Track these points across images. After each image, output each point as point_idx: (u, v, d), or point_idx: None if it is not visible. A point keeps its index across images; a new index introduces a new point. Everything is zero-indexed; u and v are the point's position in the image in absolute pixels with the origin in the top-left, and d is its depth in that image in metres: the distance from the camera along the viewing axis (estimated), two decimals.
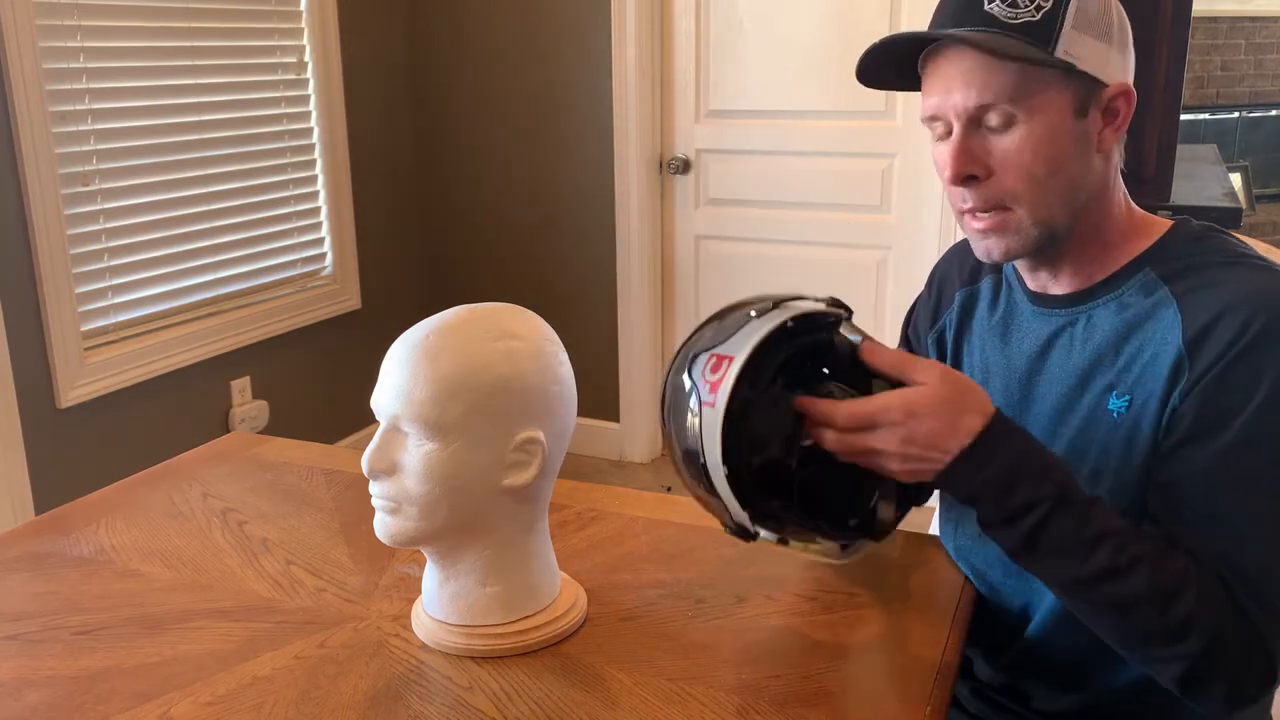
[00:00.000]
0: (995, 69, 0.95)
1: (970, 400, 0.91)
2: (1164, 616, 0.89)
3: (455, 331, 0.95)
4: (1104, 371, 1.01)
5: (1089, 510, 0.91)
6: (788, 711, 0.91)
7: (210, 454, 1.51)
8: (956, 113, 0.97)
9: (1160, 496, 0.96)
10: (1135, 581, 0.89)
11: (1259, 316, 0.91)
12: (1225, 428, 0.91)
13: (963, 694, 1.19)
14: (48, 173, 2.37)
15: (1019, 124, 0.96)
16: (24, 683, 0.97)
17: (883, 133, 2.97)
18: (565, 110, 3.30)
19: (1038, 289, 1.09)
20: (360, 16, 3.25)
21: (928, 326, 1.23)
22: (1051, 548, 0.91)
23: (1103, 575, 0.90)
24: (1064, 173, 0.98)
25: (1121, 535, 0.91)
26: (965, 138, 0.98)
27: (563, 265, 3.43)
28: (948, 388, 0.91)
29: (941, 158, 1.00)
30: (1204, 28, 5.25)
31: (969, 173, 0.98)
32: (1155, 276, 1.00)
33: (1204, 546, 0.92)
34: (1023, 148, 0.96)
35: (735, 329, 0.93)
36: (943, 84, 0.98)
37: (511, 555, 1.00)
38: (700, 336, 0.96)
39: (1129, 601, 0.90)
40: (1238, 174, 5.08)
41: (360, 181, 3.31)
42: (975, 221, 1.01)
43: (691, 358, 0.95)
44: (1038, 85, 0.95)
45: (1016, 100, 0.95)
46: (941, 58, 0.98)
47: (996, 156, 0.97)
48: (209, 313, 2.86)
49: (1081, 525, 0.90)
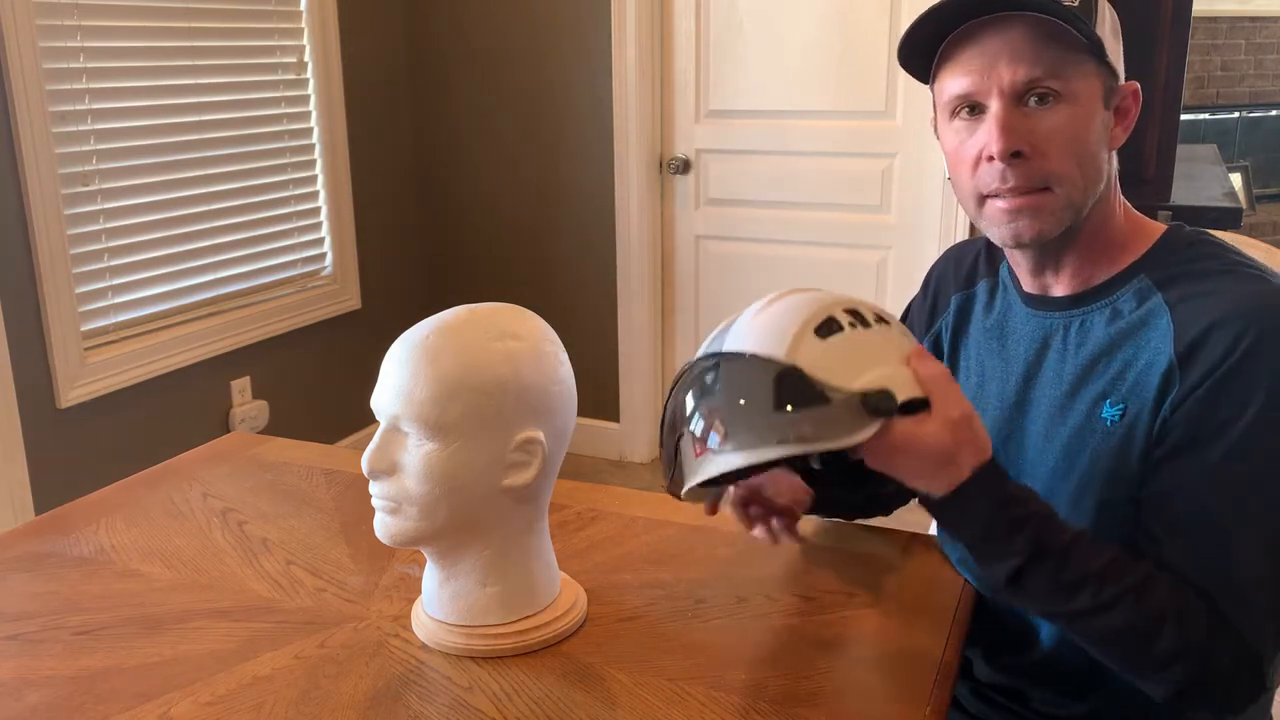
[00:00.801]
0: (1043, 45, 0.94)
1: (964, 453, 0.90)
2: (1150, 647, 0.90)
3: (455, 331, 0.95)
4: (1097, 379, 1.01)
5: (1067, 557, 0.91)
6: (788, 711, 0.91)
7: (210, 454, 1.51)
8: (1001, 87, 0.96)
9: (1150, 507, 0.96)
10: (1117, 617, 0.91)
11: (1250, 330, 0.91)
12: (1215, 441, 0.91)
13: (963, 694, 1.19)
14: (48, 173, 2.37)
15: (1062, 103, 0.96)
16: (24, 683, 0.97)
17: (883, 133, 2.97)
18: (565, 110, 3.30)
19: (1036, 290, 1.09)
20: (360, 16, 3.25)
21: (923, 330, 1.23)
22: (1029, 593, 0.93)
23: (1085, 614, 0.92)
24: (1096, 159, 0.99)
25: (1102, 574, 0.91)
26: (1010, 112, 0.96)
27: (563, 265, 3.43)
28: (950, 436, 0.89)
29: (971, 140, 0.99)
30: (1204, 28, 5.26)
31: (1016, 148, 0.96)
32: (1149, 283, 1.00)
33: (1192, 557, 0.92)
34: (1067, 126, 0.96)
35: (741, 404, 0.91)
36: (983, 60, 0.97)
37: (511, 555, 1.00)
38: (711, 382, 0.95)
39: (1112, 635, 0.92)
40: (1238, 174, 5.08)
41: (360, 181, 3.31)
42: (1007, 202, 0.99)
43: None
44: (1079, 68, 0.96)
45: (1064, 78, 0.95)
46: (984, 35, 0.97)
47: (1041, 134, 0.96)
48: (209, 313, 2.86)
49: (1058, 573, 0.91)
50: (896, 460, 0.90)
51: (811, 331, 0.91)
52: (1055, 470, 1.04)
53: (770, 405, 0.89)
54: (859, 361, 0.91)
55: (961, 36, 0.98)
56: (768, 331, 0.92)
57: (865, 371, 0.90)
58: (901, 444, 0.89)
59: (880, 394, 0.89)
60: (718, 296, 3.30)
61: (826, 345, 0.91)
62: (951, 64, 1.00)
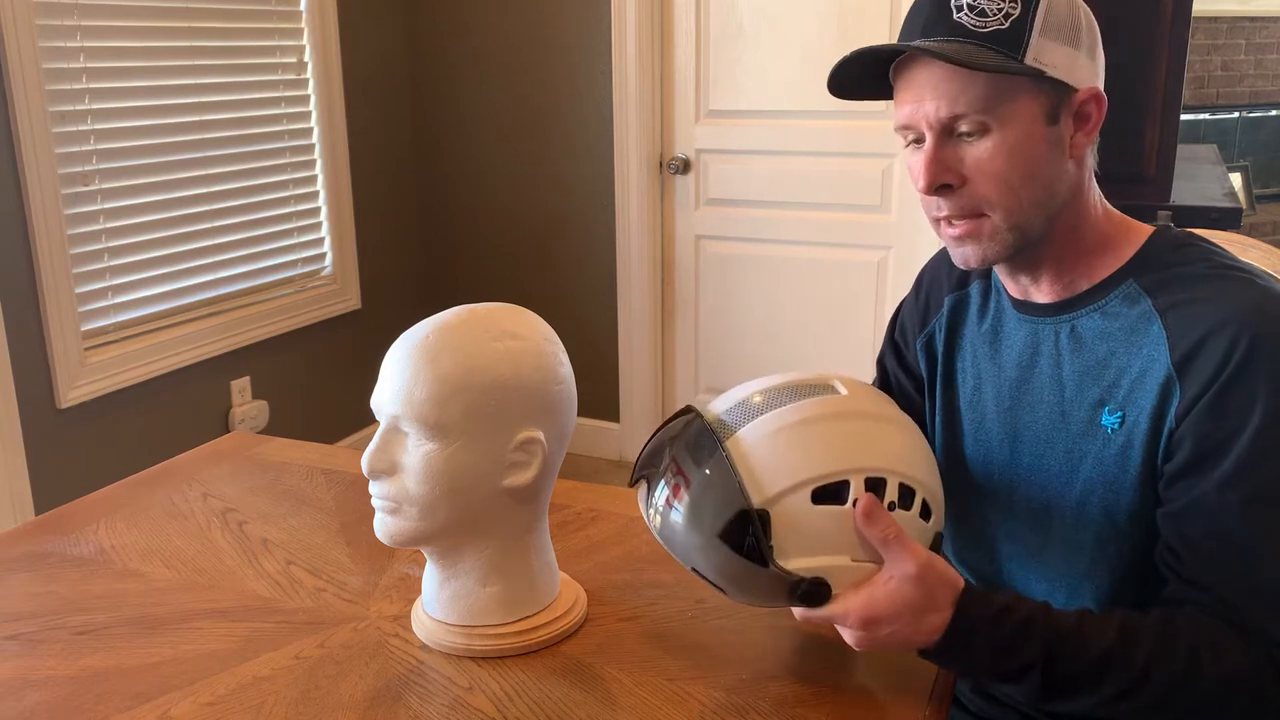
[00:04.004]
0: (966, 79, 0.94)
1: (937, 597, 0.89)
2: (1198, 695, 0.89)
3: (455, 331, 0.95)
4: (1094, 386, 1.01)
5: (1080, 640, 0.90)
6: (788, 711, 0.91)
7: (210, 454, 1.51)
8: (929, 123, 0.97)
9: (1167, 524, 0.96)
10: (1158, 684, 0.89)
11: (1244, 336, 0.91)
12: (1227, 452, 0.91)
13: (964, 692, 1.20)
14: (48, 173, 2.37)
15: (992, 132, 0.96)
16: (24, 683, 0.97)
17: (883, 133, 2.97)
18: (565, 110, 3.30)
19: (1020, 295, 1.09)
20: (360, 16, 3.25)
21: (916, 331, 1.23)
22: (1064, 692, 0.91)
23: (1125, 693, 0.90)
24: (1038, 179, 0.98)
25: (1123, 645, 0.90)
26: (938, 147, 0.97)
27: (563, 265, 3.43)
28: (915, 590, 0.89)
29: (915, 166, 1.00)
30: (1204, 28, 5.26)
31: (942, 182, 0.98)
32: (1138, 288, 1.00)
33: (1215, 570, 0.92)
34: (995, 156, 0.96)
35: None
36: (914, 94, 0.98)
37: (511, 555, 1.00)
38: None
39: (1161, 701, 0.90)
40: (1238, 174, 5.08)
41: (360, 181, 3.31)
42: (950, 229, 1.01)
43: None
44: (1009, 94, 0.95)
45: (988, 109, 0.95)
46: (912, 68, 0.98)
47: (969, 164, 0.97)
48: (209, 313, 2.86)
49: (1081, 659, 0.90)
50: (877, 631, 0.89)
51: (809, 490, 0.89)
52: (1058, 476, 1.04)
53: (716, 530, 0.88)
54: (828, 541, 0.89)
55: (901, 65, 1.00)
56: (776, 456, 0.90)
57: (823, 554, 0.89)
58: (872, 615, 0.88)
59: (813, 587, 0.89)
60: (718, 296, 3.30)
61: (812, 513, 0.89)
62: (897, 90, 1.01)
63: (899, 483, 0.92)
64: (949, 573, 0.91)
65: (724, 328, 3.32)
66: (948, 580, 0.90)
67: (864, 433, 0.93)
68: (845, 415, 0.93)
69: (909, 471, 0.93)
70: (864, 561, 0.90)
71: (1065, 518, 1.03)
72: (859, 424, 0.93)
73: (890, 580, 0.89)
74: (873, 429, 0.94)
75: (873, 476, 0.90)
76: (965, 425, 1.14)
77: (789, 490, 0.88)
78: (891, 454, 0.93)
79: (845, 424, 0.93)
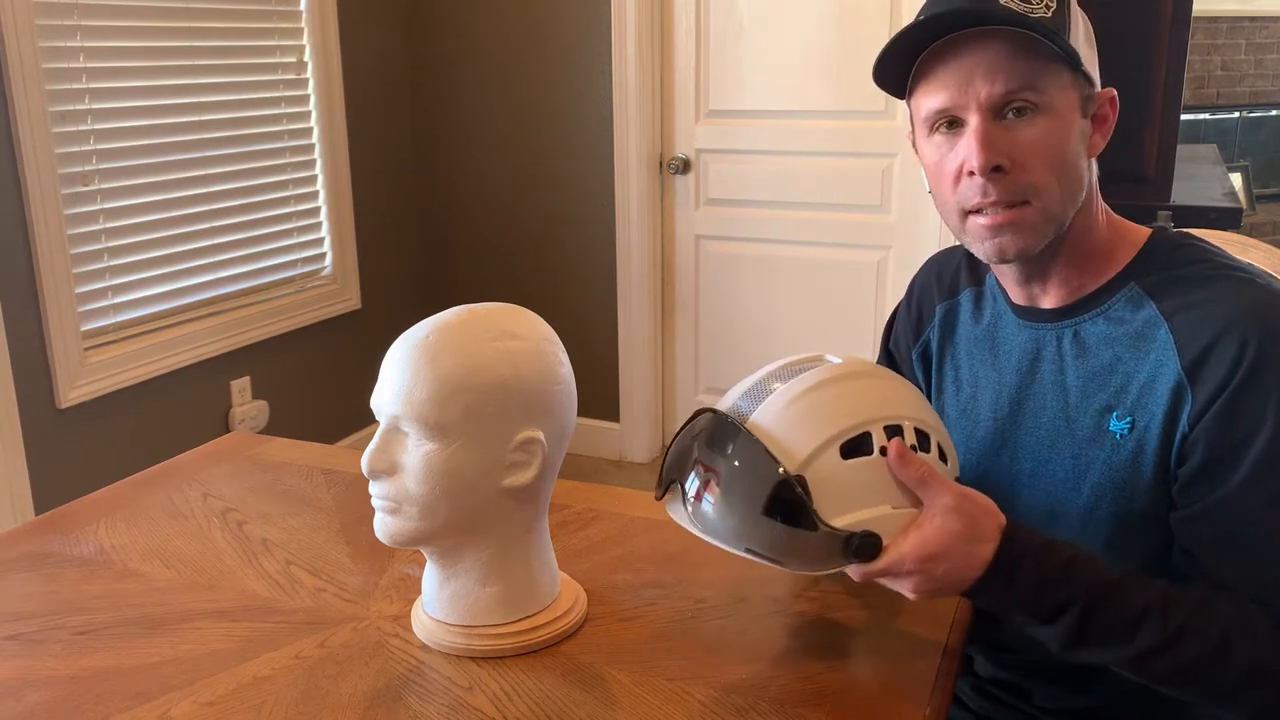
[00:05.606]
0: (1019, 58, 0.94)
1: (982, 527, 0.89)
2: (1225, 672, 0.89)
3: (455, 331, 0.95)
4: (1100, 391, 1.01)
5: (1123, 591, 0.90)
6: (788, 711, 0.91)
7: (210, 454, 1.51)
8: (979, 102, 0.95)
9: (1189, 528, 0.96)
10: (1186, 651, 0.89)
11: (1252, 339, 0.91)
12: (1243, 456, 0.91)
13: (964, 691, 1.20)
14: (48, 173, 2.37)
15: (1040, 115, 0.95)
16: (24, 683, 0.96)
17: (883, 133, 2.97)
18: (565, 110, 3.30)
19: (1024, 301, 1.08)
20: (360, 16, 3.25)
21: (910, 342, 1.23)
22: (1096, 638, 0.91)
23: (1153, 651, 0.90)
24: (1076, 169, 0.98)
25: (1163, 605, 0.90)
26: (988, 126, 0.96)
27: (563, 265, 3.43)
28: (959, 521, 0.89)
29: (951, 154, 0.98)
30: (1204, 28, 5.26)
31: (996, 162, 0.95)
32: (1140, 291, 1.00)
33: (1239, 573, 0.92)
34: (1046, 139, 0.95)
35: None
36: (960, 75, 0.96)
37: (511, 555, 1.00)
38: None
39: (1185, 670, 0.90)
40: (1238, 174, 5.08)
41: (360, 181, 3.31)
42: (988, 218, 0.98)
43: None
44: (1054, 80, 0.95)
45: (1039, 90, 0.95)
46: (960, 49, 0.96)
47: (1019, 147, 0.96)
48: (209, 313, 2.86)
49: (1120, 609, 0.90)
50: (934, 570, 0.88)
51: (837, 447, 0.89)
52: (1065, 482, 1.04)
53: (759, 508, 0.88)
54: (866, 493, 0.90)
55: (936, 52, 0.98)
56: (797, 424, 0.90)
57: (865, 507, 0.89)
58: (926, 553, 0.88)
59: (866, 539, 0.89)
60: (718, 296, 3.30)
61: (844, 468, 0.89)
62: (928, 79, 0.99)
63: (914, 428, 0.93)
64: (988, 503, 0.91)
65: (724, 328, 3.32)
66: (988, 509, 0.90)
67: (870, 388, 0.95)
68: (848, 376, 0.94)
69: (921, 417, 0.94)
70: (904, 508, 0.90)
71: (1072, 522, 1.03)
72: (863, 381, 0.95)
73: (935, 517, 0.89)
74: (877, 384, 0.96)
75: (890, 425, 0.92)
76: (959, 433, 1.14)
77: (818, 451, 0.89)
78: (901, 403, 0.94)
79: (851, 383, 0.94)
